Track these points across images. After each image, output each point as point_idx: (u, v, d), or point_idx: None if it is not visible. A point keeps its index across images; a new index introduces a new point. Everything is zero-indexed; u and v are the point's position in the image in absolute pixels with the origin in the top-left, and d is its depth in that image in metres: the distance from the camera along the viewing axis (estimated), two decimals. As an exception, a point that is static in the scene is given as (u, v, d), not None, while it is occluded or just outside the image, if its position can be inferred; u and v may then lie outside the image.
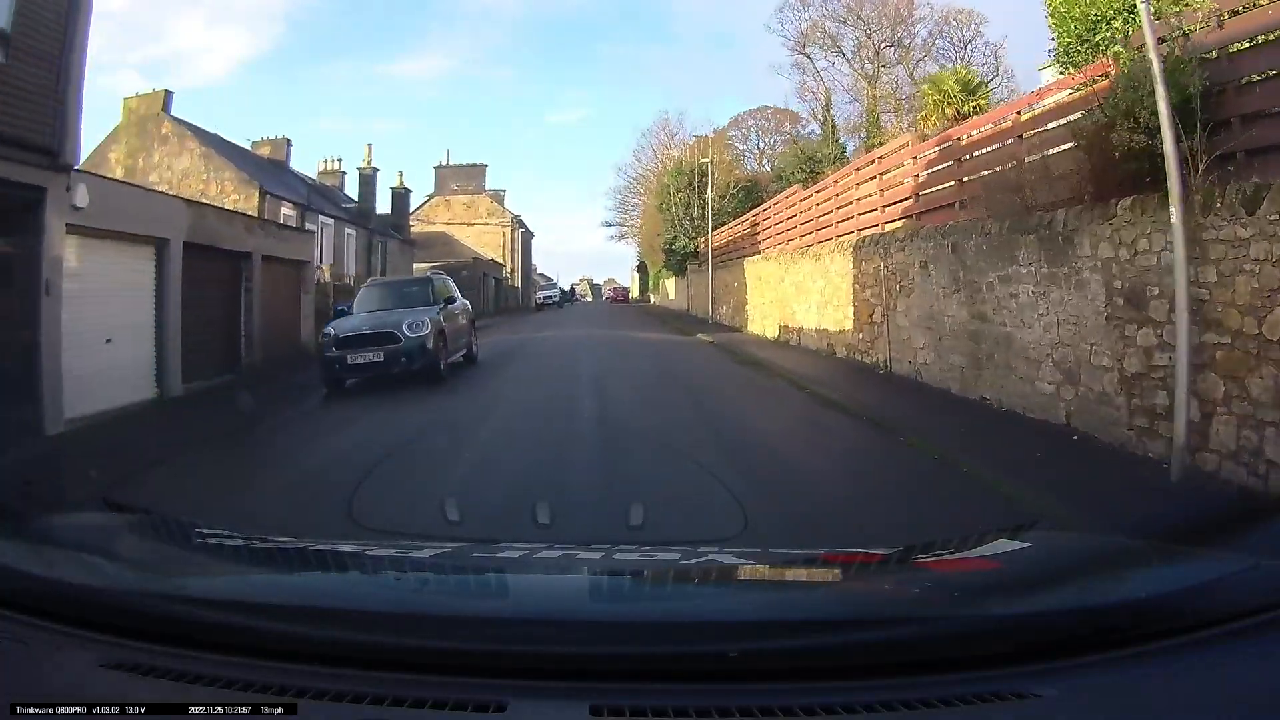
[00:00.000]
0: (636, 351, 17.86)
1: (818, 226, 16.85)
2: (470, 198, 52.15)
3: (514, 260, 53.66)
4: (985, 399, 8.87)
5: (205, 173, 23.25)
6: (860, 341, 13.29)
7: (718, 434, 7.88)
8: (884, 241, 12.26)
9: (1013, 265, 8.27)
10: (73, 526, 2.05)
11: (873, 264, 12.66)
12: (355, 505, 4.22)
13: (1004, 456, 6.43)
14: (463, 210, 51.73)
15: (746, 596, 1.68)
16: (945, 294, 9.99)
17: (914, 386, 10.60)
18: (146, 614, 1.28)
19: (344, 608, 1.36)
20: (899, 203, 12.55)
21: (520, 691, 1.11)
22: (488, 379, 13.24)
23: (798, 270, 17.24)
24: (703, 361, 15.71)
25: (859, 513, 5.19)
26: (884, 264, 12.08)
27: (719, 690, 1.11)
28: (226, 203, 22.09)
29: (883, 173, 13.62)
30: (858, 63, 36.92)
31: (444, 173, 53.12)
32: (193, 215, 12.90)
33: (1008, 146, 9.11)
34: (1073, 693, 1.09)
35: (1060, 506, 4.99)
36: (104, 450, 7.85)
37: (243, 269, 14.34)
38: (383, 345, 11.69)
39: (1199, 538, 2.27)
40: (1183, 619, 1.21)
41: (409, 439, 8.32)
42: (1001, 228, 8.52)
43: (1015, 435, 7.30)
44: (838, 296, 14.47)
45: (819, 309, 15.65)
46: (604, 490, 5.51)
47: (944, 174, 11.11)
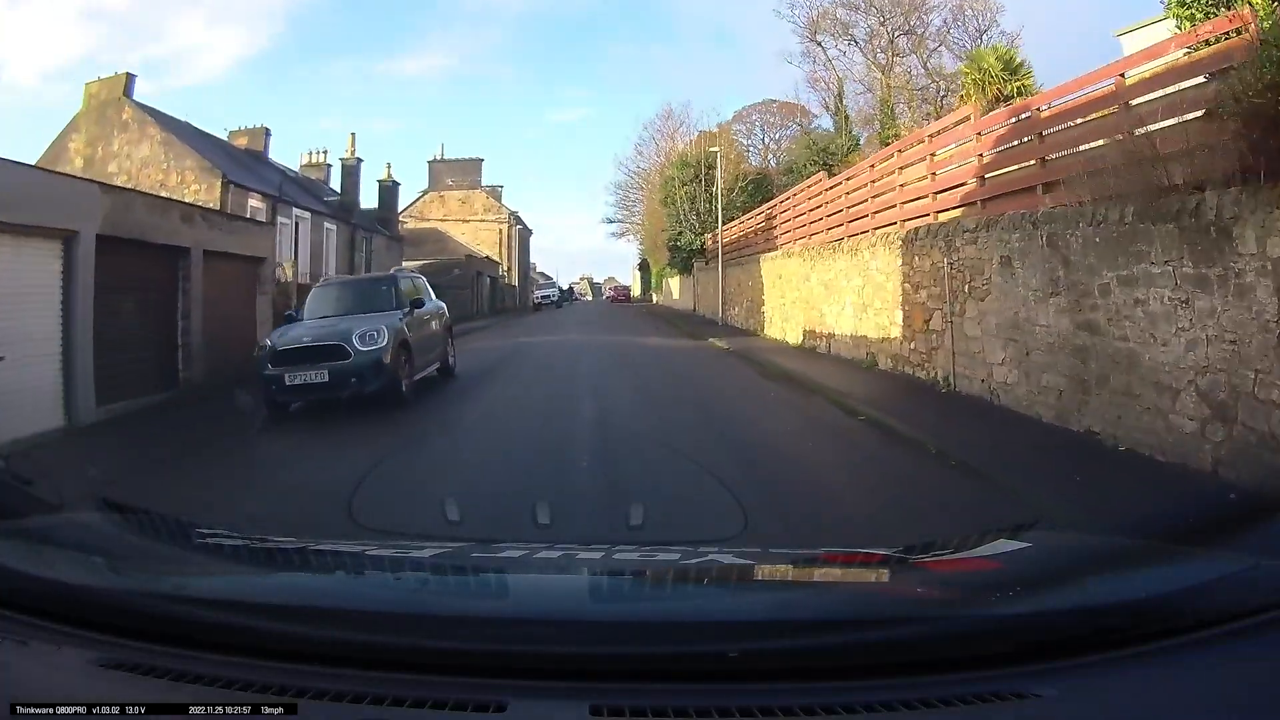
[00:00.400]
0: (644, 361, 15.74)
1: (849, 218, 14.80)
2: (465, 193, 50.11)
3: (511, 258, 51.53)
4: (1093, 432, 6.97)
5: (165, 161, 21.04)
6: (911, 352, 11.20)
7: (769, 493, 5.65)
8: (946, 233, 10.16)
9: (1140, 263, 6.44)
10: (72, 526, 2.02)
11: (929, 259, 10.58)
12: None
13: (1149, 519, 4.80)
14: (457, 206, 49.87)
15: (746, 596, 1.66)
16: (1037, 298, 8.03)
17: (990, 412, 8.62)
18: (146, 614, 1.28)
19: (344, 608, 1.37)
20: (956, 188, 10.65)
21: (520, 691, 1.11)
22: (464, 401, 11.08)
23: (828, 267, 15.10)
24: (724, 376, 13.60)
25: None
26: (946, 260, 10.00)
27: (719, 690, 1.11)
28: (187, 194, 19.99)
29: (932, 154, 11.56)
30: (870, 51, 34.88)
31: (438, 167, 51.00)
32: (112, 203, 10.80)
33: (1109, 118, 7.50)
34: (1073, 693, 1.09)
35: None
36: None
37: (180, 267, 12.22)
38: (327, 361, 9.40)
39: (1199, 538, 2.09)
40: (1183, 619, 1.20)
41: (346, 493, 6.04)
42: (1123, 214, 6.66)
43: (1149, 487, 5.54)
44: (881, 298, 12.37)
45: (856, 312, 13.53)
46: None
47: (1019, 152, 9.28)
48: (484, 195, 50.84)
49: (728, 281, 25.46)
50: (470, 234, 48.04)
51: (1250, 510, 4.15)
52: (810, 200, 17.64)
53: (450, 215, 48.91)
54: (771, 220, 21.67)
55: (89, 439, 9.11)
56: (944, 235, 10.17)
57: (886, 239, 12.28)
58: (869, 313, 12.89)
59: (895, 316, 11.75)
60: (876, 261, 12.59)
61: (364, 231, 28.04)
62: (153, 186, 20.64)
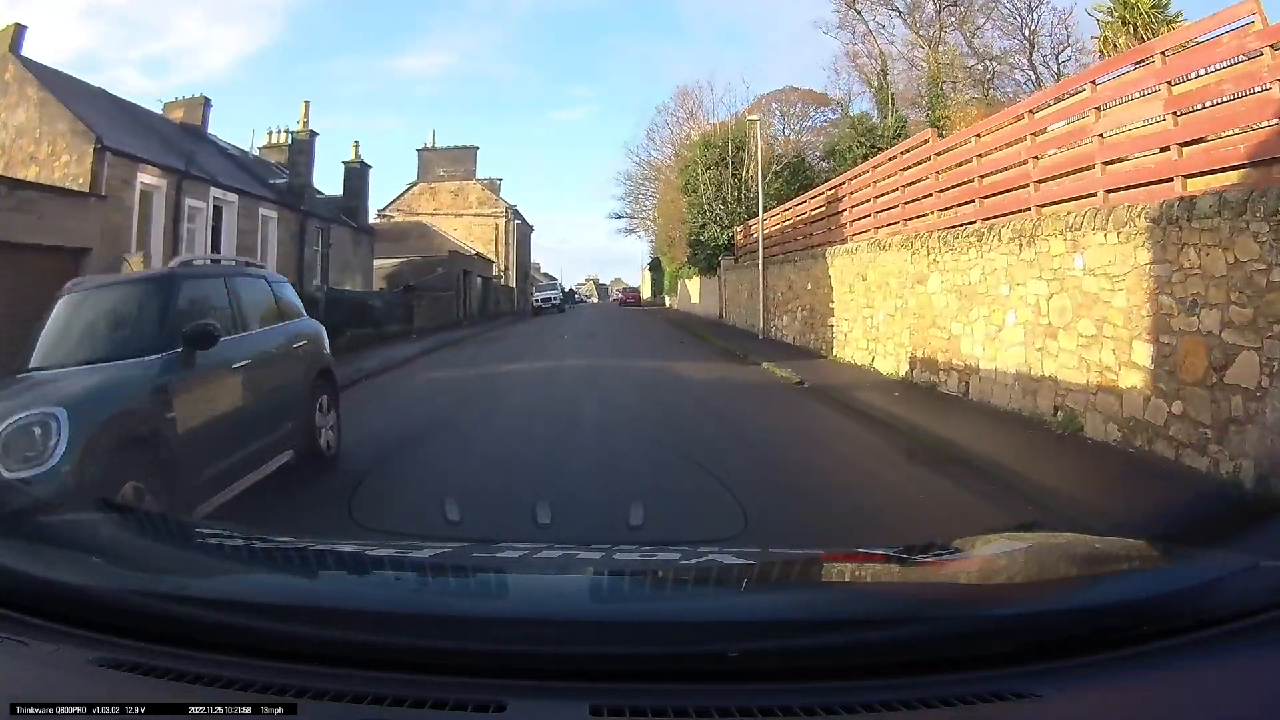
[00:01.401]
0: (686, 412, 9.72)
1: (1006, 185, 9.56)
2: (458, 184, 45.93)
3: (509, 256, 47.00)
4: None
5: (39, 126, 16.09)
6: (1172, 419, 6.31)
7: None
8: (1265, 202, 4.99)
9: None
10: (72, 526, 2.01)
11: (1228, 253, 5.77)
12: None
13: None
14: (450, 199, 45.76)
15: (746, 596, 1.62)
16: None
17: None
18: (146, 614, 1.27)
19: (344, 607, 1.35)
20: (1228, 137, 6.42)
21: (520, 691, 1.10)
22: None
23: (964, 264, 9.93)
24: (830, 446, 7.82)
25: None
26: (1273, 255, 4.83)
27: (719, 690, 1.10)
28: (55, 165, 15.00)
29: (1171, 81, 6.98)
30: (914, 25, 31.21)
31: (429, 156, 46.73)
32: None
33: None
34: (1073, 693, 1.09)
35: None
36: None
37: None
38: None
39: (1199, 538, 2.11)
40: (1183, 619, 1.20)
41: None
42: None
43: None
44: (1095, 317, 7.40)
45: (1030, 337, 8.39)
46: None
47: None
48: (479, 187, 46.50)
49: (775, 283, 20.14)
50: (464, 229, 44.03)
51: (1250, 510, 4.55)
52: (918, 168, 12.38)
53: (442, 209, 44.75)
54: (837, 203, 16.48)
55: None
56: (1264, 206, 5.03)
57: (1111, 217, 7.06)
58: (1064, 340, 7.75)
59: (1135, 353, 6.75)
60: (1085, 256, 7.43)
61: (320, 221, 22.80)
62: (24, 160, 15.65)
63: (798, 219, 19.64)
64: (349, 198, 26.54)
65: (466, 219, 44.76)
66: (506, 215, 46.64)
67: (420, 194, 45.35)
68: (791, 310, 18.38)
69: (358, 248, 26.15)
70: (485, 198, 46.10)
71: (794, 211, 20.23)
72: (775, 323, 19.89)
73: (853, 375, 12.35)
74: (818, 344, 16.00)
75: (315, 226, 22.53)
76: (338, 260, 23.97)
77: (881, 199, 14.01)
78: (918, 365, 11.14)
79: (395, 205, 44.44)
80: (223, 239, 18.32)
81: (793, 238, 19.72)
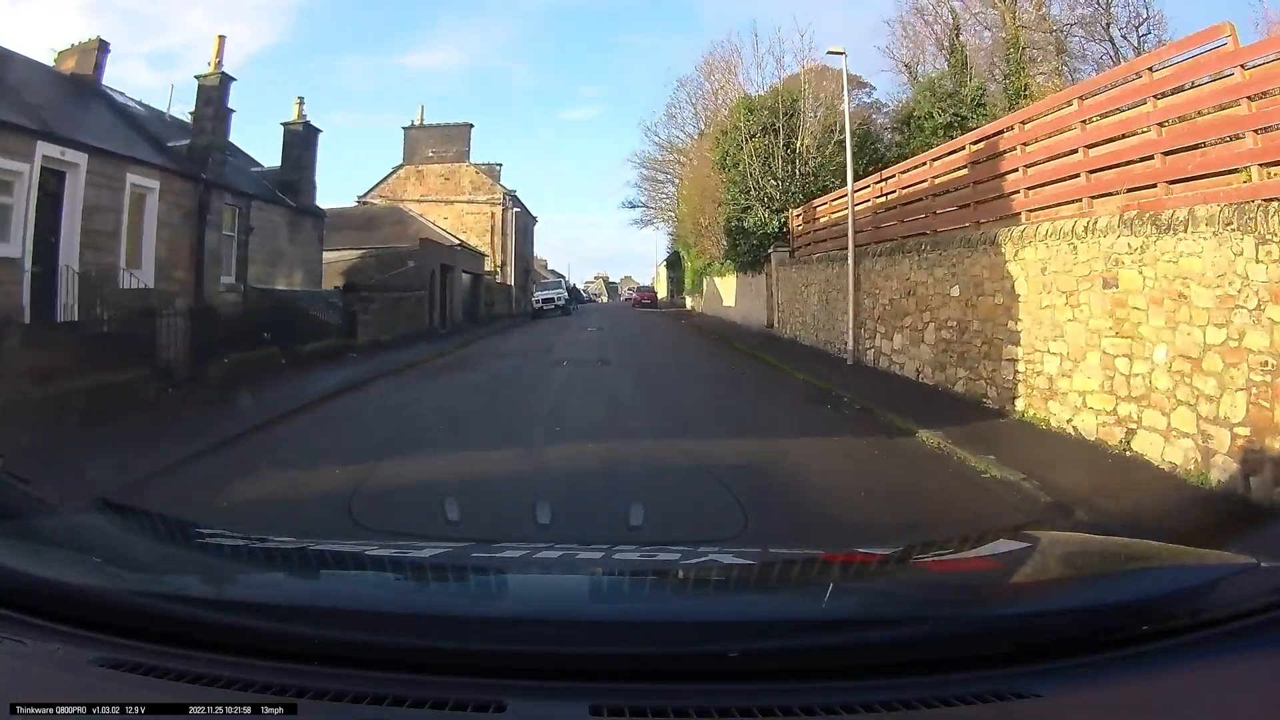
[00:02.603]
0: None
1: None
2: (449, 167, 39.55)
3: (506, 249, 40.42)
4: None
5: None
6: None
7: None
8: None
9: None
10: (72, 526, 2.00)
11: None
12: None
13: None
14: (439, 183, 39.54)
15: (746, 597, 1.63)
16: None
17: None
18: (146, 614, 1.27)
19: (344, 608, 1.36)
20: None
21: (520, 691, 1.10)
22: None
23: None
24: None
25: None
26: None
27: (719, 690, 1.10)
28: None
29: None
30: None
31: (415, 135, 40.25)
32: None
33: None
34: (1073, 693, 1.09)
35: None
36: None
37: None
38: None
39: (1199, 538, 2.13)
40: (1183, 619, 1.20)
41: None
42: None
43: None
44: None
45: None
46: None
47: None
48: (473, 170, 40.01)
49: (873, 285, 13.70)
50: (454, 218, 38.33)
51: (1250, 511, 4.56)
52: (1207, 89, 6.43)
53: (430, 194, 38.86)
54: (994, 161, 10.28)
55: None
56: None
57: None
58: None
59: None
60: None
61: (235, 198, 16.68)
62: None
63: (913, 191, 13.32)
64: (289, 170, 19.91)
65: (458, 207, 38.82)
66: (504, 202, 40.08)
67: (405, 178, 39.33)
68: (912, 328, 11.94)
69: (298, 234, 19.85)
70: (480, 182, 39.69)
71: (906, 178, 13.82)
72: (875, 344, 13.51)
73: (1099, 469, 6.40)
74: (976, 387, 9.71)
75: (226, 204, 16.40)
76: (266, 249, 17.94)
77: (1106, 149, 7.85)
78: (1270, 466, 5.03)
79: (377, 191, 39.05)
80: (63, 217, 12.35)
81: (900, 218, 13.49)
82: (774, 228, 22.27)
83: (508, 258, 40.48)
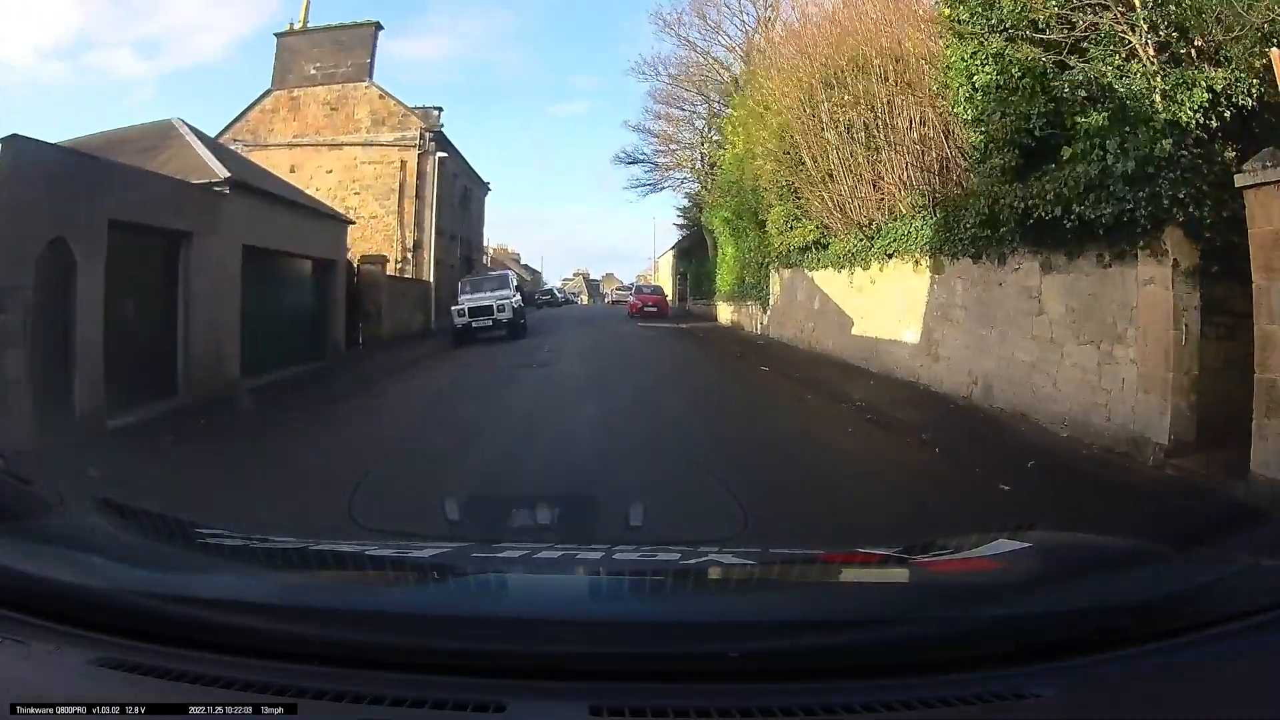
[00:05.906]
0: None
1: None
2: (339, 91, 26.03)
3: (424, 221, 25.83)
4: None
5: None
6: None
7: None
8: None
9: None
10: (72, 526, 2.01)
11: None
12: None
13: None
14: (323, 117, 26.06)
15: (747, 597, 1.64)
16: None
17: None
18: (146, 614, 1.27)
19: (344, 608, 1.36)
20: None
21: (520, 691, 1.10)
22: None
23: None
24: None
25: None
26: None
27: (719, 690, 1.10)
28: None
29: None
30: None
31: (291, 44, 26.61)
32: None
33: None
34: (1073, 693, 1.09)
35: None
36: None
37: None
38: None
39: (1199, 538, 2.08)
40: (1183, 619, 1.20)
41: None
42: None
43: None
44: None
45: None
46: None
47: None
48: (375, 94, 26.15)
49: None
50: (343, 170, 25.52)
51: (1249, 511, 4.50)
52: None
53: (307, 131, 25.86)
54: None
55: None
56: None
57: None
58: None
59: None
60: None
61: None
62: None
63: None
64: None
65: (350, 151, 25.47)
66: (421, 143, 25.73)
67: (274, 110, 26.15)
68: None
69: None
70: (386, 111, 25.87)
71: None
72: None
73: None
74: None
75: None
76: None
77: None
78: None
79: (237, 129, 25.92)
80: None
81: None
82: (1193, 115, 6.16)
83: (423, 236, 25.55)
